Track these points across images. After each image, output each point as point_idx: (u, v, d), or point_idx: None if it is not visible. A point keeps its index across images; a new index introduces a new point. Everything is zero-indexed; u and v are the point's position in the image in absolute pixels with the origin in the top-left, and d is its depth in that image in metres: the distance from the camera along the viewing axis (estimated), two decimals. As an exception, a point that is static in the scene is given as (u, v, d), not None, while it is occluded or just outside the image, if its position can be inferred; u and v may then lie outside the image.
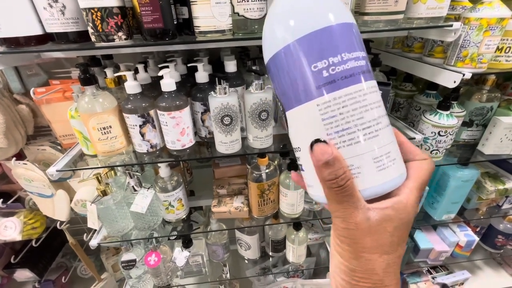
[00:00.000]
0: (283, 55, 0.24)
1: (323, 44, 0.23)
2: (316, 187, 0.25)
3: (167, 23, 0.52)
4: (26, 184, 0.89)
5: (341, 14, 0.24)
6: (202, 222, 0.96)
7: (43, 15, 0.51)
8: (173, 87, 0.59)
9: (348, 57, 0.23)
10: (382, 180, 0.23)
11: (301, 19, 0.23)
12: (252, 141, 0.68)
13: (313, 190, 0.26)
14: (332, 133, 0.23)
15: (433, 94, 0.84)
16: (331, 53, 0.23)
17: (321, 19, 0.23)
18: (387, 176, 0.23)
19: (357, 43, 0.24)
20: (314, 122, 0.23)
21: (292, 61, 0.24)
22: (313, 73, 0.23)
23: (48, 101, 0.80)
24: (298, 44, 0.23)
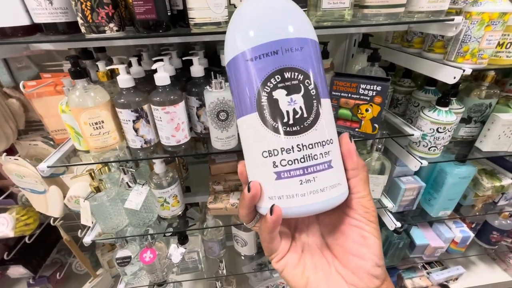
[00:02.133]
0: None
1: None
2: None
3: (160, 14, 0.50)
4: (17, 180, 0.87)
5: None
6: (198, 218, 0.96)
7: (30, 4, 0.49)
8: (167, 81, 0.57)
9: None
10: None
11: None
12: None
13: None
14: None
15: (432, 90, 0.83)
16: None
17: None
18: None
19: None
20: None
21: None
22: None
23: (39, 95, 0.78)
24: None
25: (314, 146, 0.23)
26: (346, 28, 0.56)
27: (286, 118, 0.23)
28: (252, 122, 0.24)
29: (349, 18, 0.55)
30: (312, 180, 0.23)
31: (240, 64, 0.24)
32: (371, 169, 0.81)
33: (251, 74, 0.24)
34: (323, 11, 0.53)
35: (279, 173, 0.23)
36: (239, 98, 0.25)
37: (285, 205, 0.23)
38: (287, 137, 0.23)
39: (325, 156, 0.24)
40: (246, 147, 0.26)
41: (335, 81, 0.65)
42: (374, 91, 0.61)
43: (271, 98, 0.23)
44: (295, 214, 0.24)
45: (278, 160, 0.23)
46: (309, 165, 0.23)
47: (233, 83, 0.26)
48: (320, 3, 0.53)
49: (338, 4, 0.52)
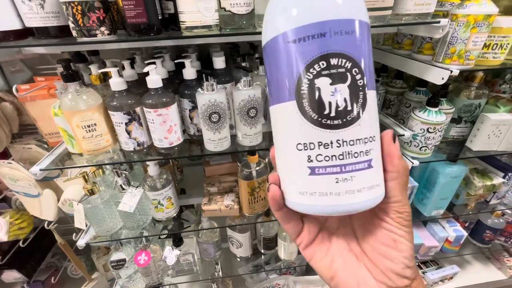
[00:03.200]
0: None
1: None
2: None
3: (151, 18, 0.51)
4: (11, 184, 0.87)
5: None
6: (193, 220, 0.96)
7: (22, 8, 0.50)
8: (159, 83, 0.58)
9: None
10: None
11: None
12: (241, 138, 0.67)
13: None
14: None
15: (422, 91, 0.85)
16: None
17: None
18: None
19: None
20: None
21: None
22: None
23: (32, 99, 0.78)
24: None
25: (355, 143, 0.21)
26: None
27: (328, 110, 0.21)
28: (288, 111, 0.22)
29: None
30: (349, 179, 0.21)
31: (280, 46, 0.22)
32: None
33: (292, 58, 0.21)
34: (312, 14, 0.54)
35: (313, 169, 0.22)
36: (275, 84, 0.23)
37: (317, 203, 0.22)
38: (327, 130, 0.21)
39: (366, 155, 0.22)
40: (278, 137, 0.24)
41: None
42: (364, 92, 0.62)
43: (313, 87, 0.21)
44: (327, 212, 0.23)
45: (314, 155, 0.21)
46: (347, 163, 0.21)
47: (269, 67, 0.23)
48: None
49: (327, 7, 0.53)
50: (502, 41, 0.61)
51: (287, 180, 0.25)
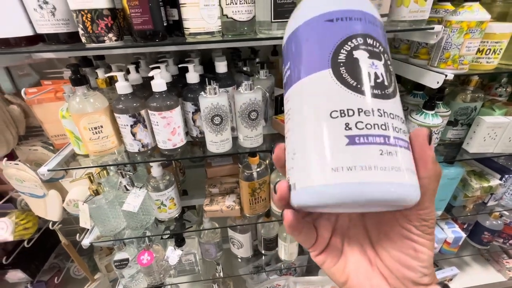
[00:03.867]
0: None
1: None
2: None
3: (156, 25, 0.53)
4: (17, 185, 0.89)
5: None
6: (195, 221, 0.97)
7: (34, 16, 0.52)
8: (163, 87, 0.60)
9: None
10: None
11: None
12: (242, 140, 0.69)
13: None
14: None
15: (419, 95, 0.87)
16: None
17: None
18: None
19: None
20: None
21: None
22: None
23: (39, 101, 0.80)
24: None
25: (395, 118, 0.20)
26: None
27: (367, 79, 0.20)
28: (321, 79, 0.20)
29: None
30: (394, 153, 0.18)
31: (316, 25, 0.22)
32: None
33: (329, 33, 0.21)
34: (311, 20, 0.57)
35: (353, 137, 0.18)
36: (306, 57, 0.22)
37: (359, 179, 0.18)
38: (368, 97, 0.19)
39: (404, 134, 0.20)
40: (303, 111, 0.21)
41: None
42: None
43: (351, 57, 0.20)
44: (369, 194, 0.18)
45: (353, 122, 0.19)
46: (391, 135, 0.19)
47: (299, 46, 0.23)
48: (308, 13, 0.56)
49: (325, 14, 0.56)
50: (495, 46, 0.63)
51: (311, 163, 0.20)
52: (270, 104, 0.79)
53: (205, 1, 0.51)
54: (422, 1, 0.56)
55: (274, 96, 0.79)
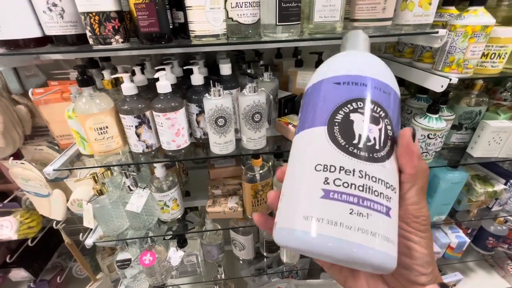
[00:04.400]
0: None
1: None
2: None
3: (163, 27, 0.54)
4: (23, 184, 0.90)
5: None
6: (197, 222, 0.98)
7: (43, 18, 0.53)
8: (168, 89, 0.61)
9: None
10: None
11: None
12: (246, 142, 0.69)
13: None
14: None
15: (423, 98, 0.86)
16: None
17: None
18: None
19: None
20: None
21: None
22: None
23: (46, 102, 0.81)
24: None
25: (377, 182, 0.20)
26: (337, 40, 0.59)
27: (357, 140, 0.21)
28: (316, 135, 0.22)
29: (340, 30, 0.58)
30: (365, 216, 0.19)
31: (324, 86, 0.24)
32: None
33: (333, 94, 0.23)
34: (315, 24, 0.57)
35: (328, 192, 0.20)
36: (310, 112, 0.24)
37: (322, 232, 0.19)
38: (352, 158, 0.20)
39: (386, 200, 0.20)
40: (296, 159, 0.23)
41: (328, 89, 0.68)
42: (365, 99, 0.64)
43: (347, 118, 0.22)
44: (331, 250, 0.19)
45: (332, 178, 0.20)
46: (366, 198, 0.19)
47: (308, 102, 0.25)
48: (312, 16, 0.57)
49: (329, 18, 0.56)
50: (500, 50, 0.63)
51: (289, 207, 0.21)
52: (274, 106, 0.79)
53: (210, 4, 0.52)
54: (426, 5, 0.56)
55: (278, 98, 0.79)
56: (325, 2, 0.54)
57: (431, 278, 0.23)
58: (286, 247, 0.21)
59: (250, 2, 0.54)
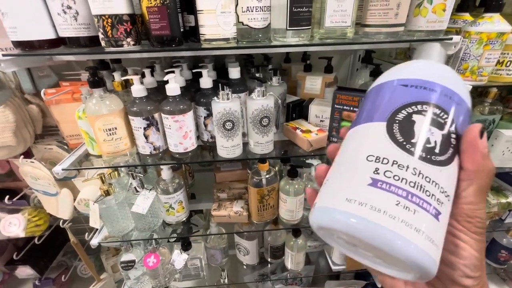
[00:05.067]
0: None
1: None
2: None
3: (174, 31, 0.54)
4: (32, 182, 0.91)
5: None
6: (201, 225, 0.97)
7: (57, 20, 0.54)
8: (177, 91, 0.61)
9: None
10: None
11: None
12: (253, 146, 0.69)
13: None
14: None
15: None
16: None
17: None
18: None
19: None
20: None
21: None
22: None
23: (57, 102, 0.83)
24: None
25: (431, 183, 0.19)
26: (348, 45, 0.59)
27: (416, 140, 0.21)
28: (373, 129, 0.22)
29: (351, 35, 0.58)
30: (411, 211, 0.18)
31: (390, 86, 0.24)
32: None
33: (398, 95, 0.23)
34: (326, 29, 0.57)
35: (376, 181, 0.20)
36: (370, 109, 0.24)
37: (363, 215, 0.19)
38: (408, 155, 0.20)
39: (437, 203, 0.19)
40: (347, 150, 0.24)
41: (338, 94, 0.67)
42: (376, 105, 0.63)
43: (409, 118, 0.21)
44: (369, 233, 0.19)
45: (383, 169, 0.20)
46: (416, 194, 0.19)
47: (369, 99, 0.25)
48: (323, 21, 0.56)
49: (340, 23, 0.56)
50: (516, 58, 0.62)
51: (333, 189, 0.22)
52: (282, 111, 0.78)
53: (221, 8, 0.52)
54: (440, 11, 0.55)
55: (286, 103, 0.79)
56: (336, 7, 0.54)
57: (478, 284, 0.21)
58: (320, 226, 0.21)
59: (261, 6, 0.54)
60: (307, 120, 0.77)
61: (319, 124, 0.76)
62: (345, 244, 0.24)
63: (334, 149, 0.26)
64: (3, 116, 0.79)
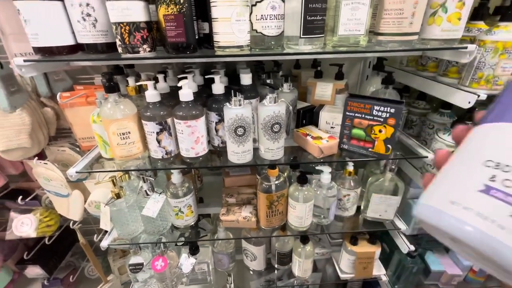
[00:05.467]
0: None
1: None
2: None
3: (189, 38, 0.55)
4: (44, 183, 0.93)
5: None
6: (209, 229, 0.97)
7: (76, 27, 0.55)
8: (190, 97, 0.62)
9: None
10: None
11: None
12: (263, 152, 0.69)
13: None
14: None
15: (447, 113, 0.84)
16: None
17: None
18: None
19: None
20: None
21: None
22: None
23: (71, 105, 0.85)
24: None
25: None
26: (361, 53, 0.59)
27: None
28: (501, 130, 0.21)
29: (364, 44, 0.58)
30: None
31: None
32: (384, 189, 0.81)
33: None
34: (339, 37, 0.57)
35: (489, 188, 0.18)
36: (503, 107, 0.22)
37: (467, 219, 0.18)
38: None
39: None
40: (466, 149, 0.22)
41: (349, 102, 0.67)
42: (388, 113, 0.63)
43: None
44: (472, 239, 0.18)
45: (502, 177, 0.18)
46: None
47: (506, 96, 0.23)
48: (336, 30, 0.57)
49: (354, 31, 0.56)
50: (532, 67, 0.61)
51: (439, 188, 0.21)
52: (292, 117, 0.79)
53: (236, 16, 0.53)
54: (456, 20, 0.55)
55: (296, 109, 0.79)
56: (350, 15, 0.54)
57: None
58: (422, 221, 0.21)
59: (275, 14, 0.55)
60: (318, 127, 0.77)
61: (330, 131, 0.75)
62: (448, 239, 0.23)
63: (444, 156, 0.24)
64: (19, 118, 0.81)
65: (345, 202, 0.85)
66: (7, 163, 1.01)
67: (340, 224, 0.94)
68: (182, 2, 0.52)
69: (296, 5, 0.54)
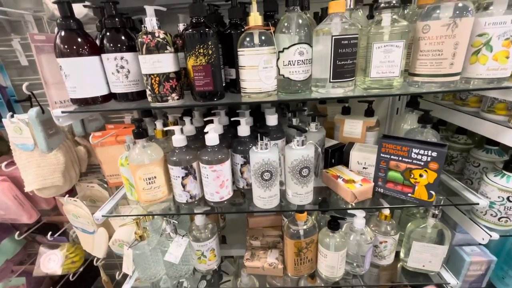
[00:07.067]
0: None
1: None
2: None
3: (216, 86, 0.55)
4: (73, 219, 0.95)
5: None
6: (232, 272, 0.92)
7: (111, 78, 0.58)
8: (216, 141, 0.61)
9: None
10: None
11: None
12: (291, 196, 0.65)
13: None
14: None
15: (494, 150, 0.76)
16: None
17: None
18: None
19: None
20: None
21: None
22: None
23: (102, 144, 0.88)
24: None
25: None
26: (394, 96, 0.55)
27: None
28: None
29: (398, 85, 0.54)
30: None
31: None
32: (426, 237, 0.72)
33: None
34: (371, 79, 0.54)
35: None
36: None
37: None
38: None
39: None
40: None
41: (383, 143, 0.63)
42: (429, 157, 0.57)
43: None
44: None
45: None
46: None
47: None
48: (368, 71, 0.54)
49: (388, 74, 0.53)
50: None
51: None
52: (321, 157, 0.75)
53: (264, 64, 0.52)
54: (503, 59, 0.50)
55: (325, 148, 0.75)
56: (383, 58, 0.52)
57: None
58: None
59: (303, 60, 0.54)
60: (348, 167, 0.72)
61: (362, 172, 0.70)
62: None
63: None
64: (55, 158, 0.84)
65: (382, 249, 0.77)
66: (40, 199, 1.05)
67: (376, 270, 0.84)
68: (211, 54, 0.52)
69: (324, 48, 0.52)
